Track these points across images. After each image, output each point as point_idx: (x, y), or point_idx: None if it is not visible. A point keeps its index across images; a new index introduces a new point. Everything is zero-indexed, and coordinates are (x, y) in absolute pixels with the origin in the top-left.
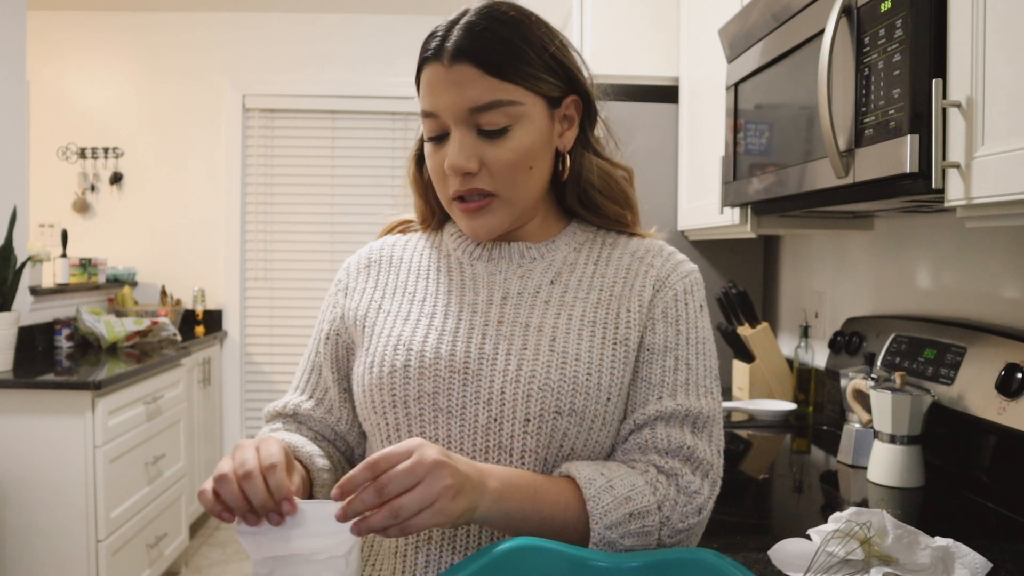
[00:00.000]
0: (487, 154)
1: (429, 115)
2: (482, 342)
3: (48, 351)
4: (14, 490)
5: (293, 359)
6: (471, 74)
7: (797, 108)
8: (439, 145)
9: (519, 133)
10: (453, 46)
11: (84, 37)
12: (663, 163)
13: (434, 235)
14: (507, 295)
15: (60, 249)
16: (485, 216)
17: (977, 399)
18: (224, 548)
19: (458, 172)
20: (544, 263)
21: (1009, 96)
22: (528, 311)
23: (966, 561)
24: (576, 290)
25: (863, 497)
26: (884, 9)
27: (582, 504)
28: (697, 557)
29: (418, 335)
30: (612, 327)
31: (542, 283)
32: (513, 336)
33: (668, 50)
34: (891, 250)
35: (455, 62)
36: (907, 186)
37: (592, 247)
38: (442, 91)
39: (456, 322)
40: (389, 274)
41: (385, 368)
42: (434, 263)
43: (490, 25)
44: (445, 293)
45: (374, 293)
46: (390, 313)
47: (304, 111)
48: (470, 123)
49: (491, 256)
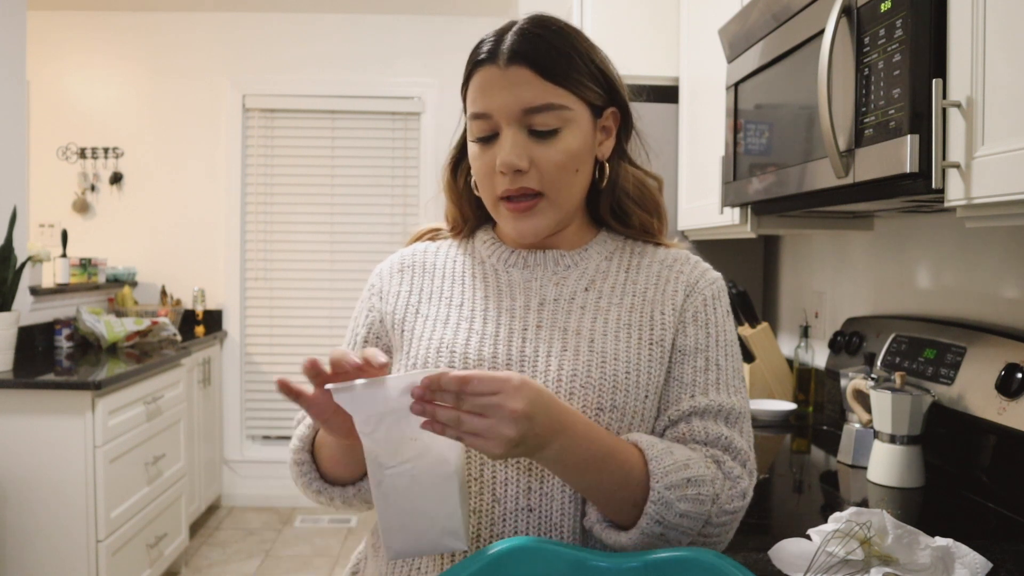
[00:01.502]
0: (537, 154)
1: (480, 116)
2: (522, 344)
3: (48, 351)
4: (14, 490)
5: (293, 359)
6: (526, 76)
7: (797, 108)
8: (487, 146)
9: (567, 136)
10: (509, 49)
11: (84, 37)
12: (663, 163)
13: (465, 242)
14: (544, 301)
15: (60, 249)
16: (533, 217)
17: (977, 399)
18: (224, 548)
19: (510, 169)
20: (578, 271)
21: (1009, 96)
22: (565, 316)
23: (966, 561)
24: (610, 296)
25: (863, 497)
26: (884, 9)
27: (643, 465)
28: (697, 557)
29: (460, 338)
30: (647, 329)
31: (577, 290)
32: (552, 339)
33: (668, 50)
34: (891, 250)
35: (511, 64)
36: (907, 186)
37: (622, 255)
38: (497, 91)
39: (496, 326)
40: (423, 279)
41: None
42: (468, 269)
43: (543, 32)
44: (482, 298)
45: (410, 297)
46: (428, 317)
47: (304, 111)
48: (522, 124)
49: (527, 263)
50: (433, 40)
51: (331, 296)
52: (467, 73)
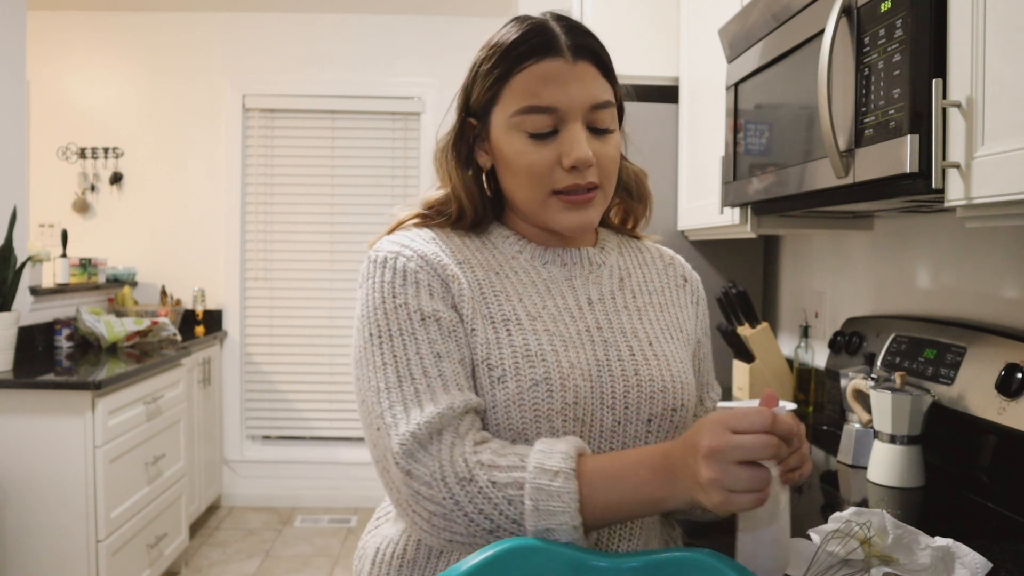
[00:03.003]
0: (598, 150)
1: (543, 109)
2: (594, 348)
3: (48, 351)
4: (14, 490)
5: (293, 359)
6: (592, 72)
7: (797, 108)
8: (544, 142)
9: (616, 133)
10: (573, 43)
11: (84, 37)
12: (663, 163)
13: (475, 237)
14: (590, 300)
15: (60, 249)
16: (589, 209)
17: (977, 399)
18: (224, 548)
19: (586, 165)
20: (607, 269)
21: (1009, 96)
22: (615, 316)
23: (966, 561)
24: (639, 295)
25: (863, 497)
26: (884, 9)
27: None
28: (696, 557)
29: (544, 343)
30: (681, 331)
31: (613, 288)
32: (616, 343)
33: (668, 50)
34: (891, 250)
35: (579, 58)
36: (907, 186)
37: (628, 253)
38: (566, 85)
39: (565, 327)
40: (465, 271)
41: (524, 383)
42: (506, 264)
43: (589, 31)
44: (535, 295)
45: (463, 287)
46: (493, 318)
47: (304, 111)
48: (586, 119)
49: (563, 261)
50: (433, 40)
51: (331, 296)
52: (511, 64)
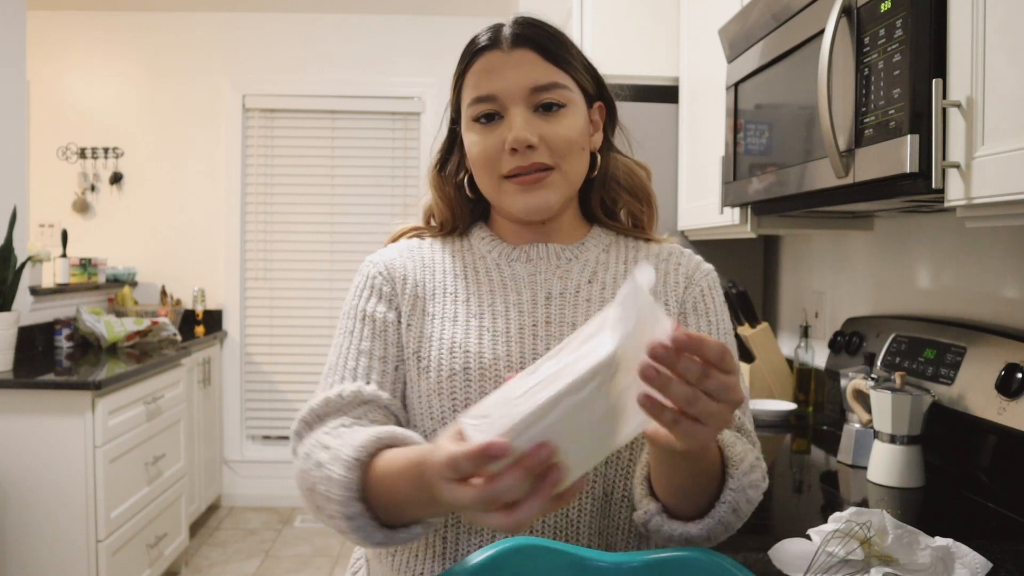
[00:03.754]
0: (545, 130)
1: (485, 99)
2: (534, 342)
3: (48, 351)
4: (14, 490)
5: (293, 359)
6: (531, 57)
7: (797, 108)
8: (491, 128)
9: (571, 114)
10: (511, 34)
11: (84, 37)
12: (663, 163)
13: (459, 241)
14: (550, 295)
15: (60, 249)
16: (542, 190)
17: (977, 399)
18: (224, 548)
19: (522, 145)
20: (580, 263)
21: (1009, 96)
22: (572, 310)
23: (966, 561)
24: (613, 288)
25: (863, 497)
26: (884, 9)
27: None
28: (697, 557)
29: (472, 337)
30: None
31: (581, 282)
32: (562, 336)
33: (668, 50)
34: (891, 250)
35: (516, 47)
36: (907, 186)
37: (618, 249)
38: (502, 73)
39: (505, 322)
40: (424, 274)
41: (444, 373)
42: (469, 264)
43: (537, 23)
44: (488, 293)
45: (416, 290)
46: (435, 315)
47: (304, 111)
48: (529, 103)
49: (529, 257)
50: (433, 40)
51: (331, 296)
52: (464, 64)
